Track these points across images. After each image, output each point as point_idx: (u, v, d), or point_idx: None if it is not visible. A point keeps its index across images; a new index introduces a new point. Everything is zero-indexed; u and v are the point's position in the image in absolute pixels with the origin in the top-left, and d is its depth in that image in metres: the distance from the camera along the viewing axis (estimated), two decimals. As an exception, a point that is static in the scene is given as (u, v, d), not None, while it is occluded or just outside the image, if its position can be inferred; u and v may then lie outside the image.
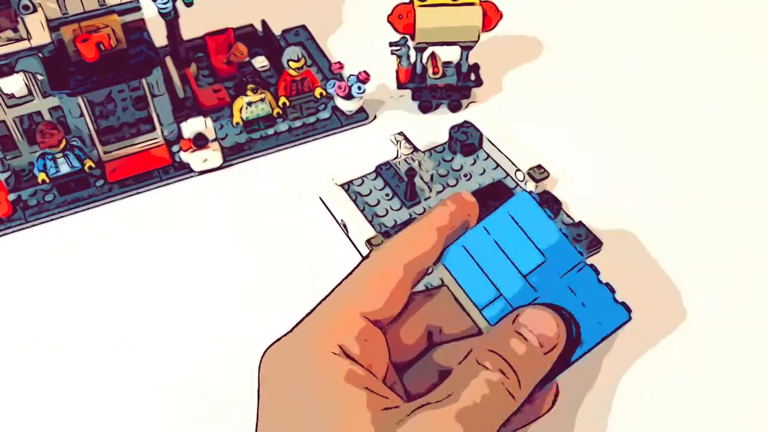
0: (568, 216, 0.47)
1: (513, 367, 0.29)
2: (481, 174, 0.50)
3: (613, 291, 0.30)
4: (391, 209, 0.48)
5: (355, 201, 0.48)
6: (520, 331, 0.30)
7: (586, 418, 0.38)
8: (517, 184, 0.49)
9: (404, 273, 0.31)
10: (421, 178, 0.48)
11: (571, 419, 0.38)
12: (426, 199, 0.48)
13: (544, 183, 0.48)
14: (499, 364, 0.29)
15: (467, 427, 0.27)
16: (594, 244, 0.45)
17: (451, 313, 0.33)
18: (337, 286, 0.32)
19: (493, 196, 0.48)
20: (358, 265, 0.32)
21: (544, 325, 0.30)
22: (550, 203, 0.47)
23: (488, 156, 0.51)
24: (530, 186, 0.48)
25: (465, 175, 0.50)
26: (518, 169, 0.48)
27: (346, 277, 0.32)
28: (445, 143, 0.51)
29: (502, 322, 0.30)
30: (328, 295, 0.32)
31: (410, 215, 0.47)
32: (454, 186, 0.49)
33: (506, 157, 0.49)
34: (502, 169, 0.50)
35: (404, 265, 0.31)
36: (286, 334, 0.31)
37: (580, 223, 0.46)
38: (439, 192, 0.49)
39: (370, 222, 0.46)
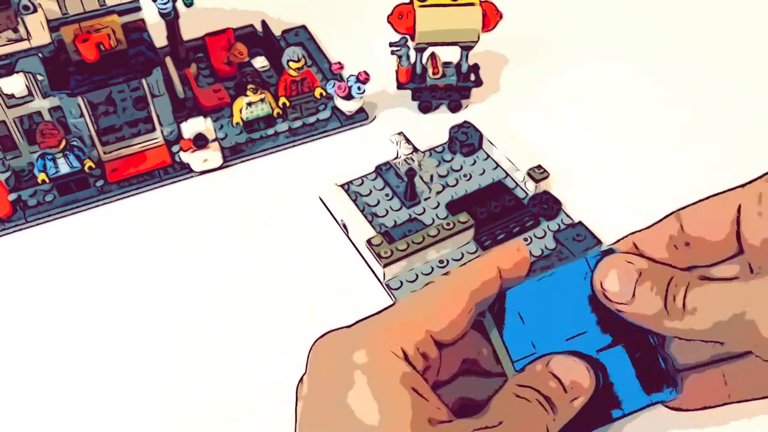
0: (568, 216, 0.47)
1: (551, 404, 0.29)
2: (481, 174, 0.50)
3: (666, 362, 0.30)
4: (391, 209, 0.48)
5: (354, 201, 0.48)
6: (553, 373, 0.30)
7: None
8: (517, 184, 0.49)
9: (470, 302, 0.31)
10: (421, 179, 0.48)
11: None
12: (426, 200, 0.48)
13: (544, 183, 0.48)
14: (539, 399, 0.29)
15: None
16: (593, 244, 0.45)
17: (488, 350, 0.33)
18: (403, 299, 0.32)
19: (492, 196, 0.48)
20: (425, 287, 0.32)
21: (575, 372, 0.30)
22: (549, 203, 0.47)
23: (488, 156, 0.51)
24: (530, 186, 0.48)
25: (465, 175, 0.50)
26: (518, 169, 0.48)
27: (415, 293, 0.32)
28: (445, 143, 0.51)
29: (535, 363, 0.31)
30: (389, 306, 0.31)
31: (410, 215, 0.47)
32: (454, 186, 0.49)
33: (506, 157, 0.49)
34: (502, 169, 0.50)
35: (471, 294, 0.31)
36: (342, 327, 0.31)
37: (580, 223, 0.46)
38: (438, 192, 0.49)
39: (370, 222, 0.46)
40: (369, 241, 0.44)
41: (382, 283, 0.44)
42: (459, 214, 0.45)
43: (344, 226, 0.46)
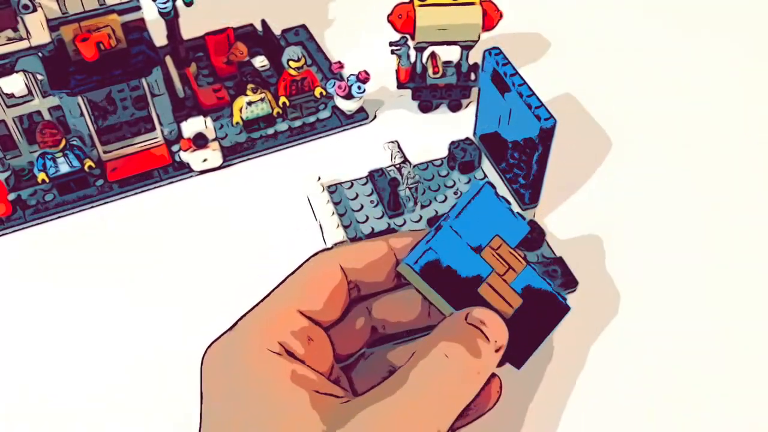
0: (550, 248, 0.45)
1: (473, 355, 0.29)
2: None
3: (550, 284, 0.32)
4: (372, 217, 0.47)
5: (337, 203, 0.47)
6: (474, 324, 0.30)
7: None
8: None
9: (342, 278, 0.32)
10: (409, 190, 0.47)
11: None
12: (411, 212, 0.47)
13: (532, 212, 0.46)
14: (459, 351, 0.29)
15: (423, 416, 0.28)
16: (568, 283, 0.43)
17: (395, 307, 0.34)
18: (275, 287, 0.32)
19: None
20: (298, 267, 0.32)
21: (495, 323, 0.30)
22: (534, 233, 0.44)
23: (485, 176, 0.49)
24: (516, 210, 0.46)
25: (455, 193, 0.48)
26: (511, 194, 0.46)
27: (285, 279, 0.32)
28: (444, 158, 0.50)
29: (453, 316, 0.31)
30: (267, 295, 0.32)
31: (389, 225, 0.46)
32: (442, 202, 0.48)
33: (503, 179, 0.47)
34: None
35: (343, 270, 0.32)
36: (225, 332, 0.31)
37: (560, 259, 0.44)
38: (424, 206, 0.47)
39: (346, 227, 0.46)
40: (335, 245, 0.44)
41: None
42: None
43: (320, 227, 0.46)
